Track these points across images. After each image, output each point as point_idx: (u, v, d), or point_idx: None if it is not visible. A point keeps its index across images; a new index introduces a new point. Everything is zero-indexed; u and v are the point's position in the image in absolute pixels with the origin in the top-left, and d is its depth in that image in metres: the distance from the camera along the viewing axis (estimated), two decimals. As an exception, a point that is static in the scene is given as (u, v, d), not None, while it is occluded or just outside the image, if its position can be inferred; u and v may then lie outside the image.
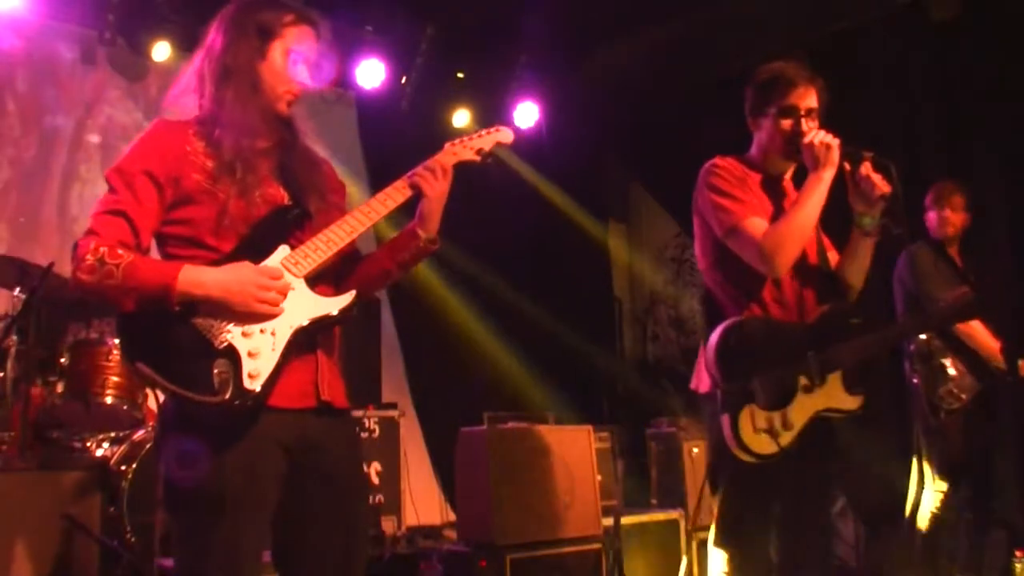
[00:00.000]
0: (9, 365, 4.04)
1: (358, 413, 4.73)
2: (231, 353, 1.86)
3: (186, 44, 5.76)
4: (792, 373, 2.49)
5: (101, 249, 1.86)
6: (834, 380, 2.54)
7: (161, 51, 5.65)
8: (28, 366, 4.04)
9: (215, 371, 1.83)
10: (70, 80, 5.66)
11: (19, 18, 5.29)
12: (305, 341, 1.97)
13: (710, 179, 2.65)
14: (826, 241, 2.77)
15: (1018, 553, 4.08)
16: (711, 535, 2.63)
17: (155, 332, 1.85)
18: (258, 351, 1.88)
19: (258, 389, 1.85)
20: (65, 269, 4.45)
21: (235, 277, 1.89)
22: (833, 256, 2.76)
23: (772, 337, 2.54)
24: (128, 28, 5.59)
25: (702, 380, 2.62)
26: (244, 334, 1.89)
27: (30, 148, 5.47)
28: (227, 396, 1.82)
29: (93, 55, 5.70)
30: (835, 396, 2.55)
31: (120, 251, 1.87)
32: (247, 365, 1.86)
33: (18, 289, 4.17)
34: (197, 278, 1.87)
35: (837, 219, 2.68)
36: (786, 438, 2.45)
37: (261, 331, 1.90)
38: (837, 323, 2.58)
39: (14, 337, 4.03)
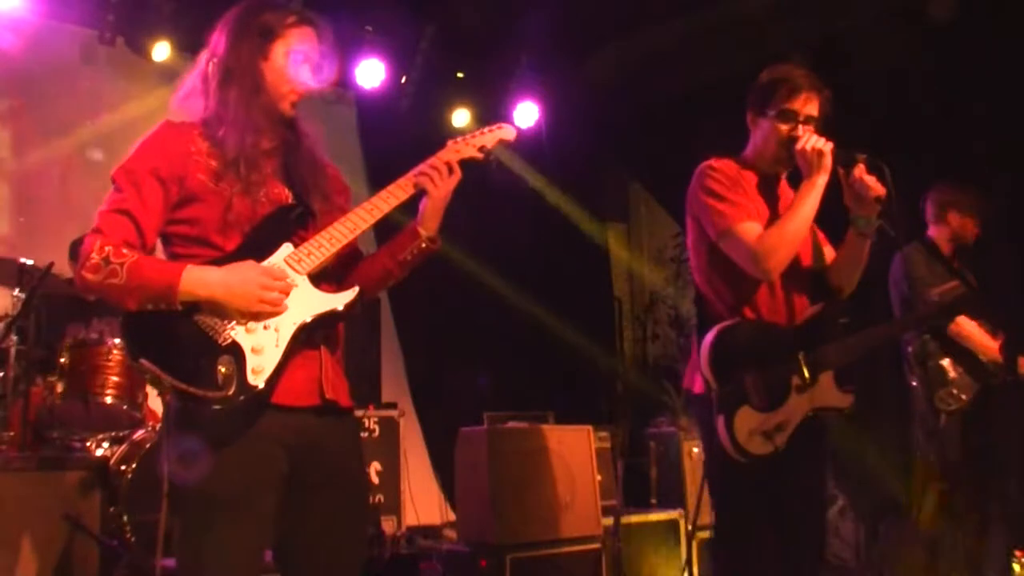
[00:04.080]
0: (9, 365, 4.04)
1: (358, 413, 4.72)
2: (235, 350, 1.88)
3: (186, 44, 5.76)
4: (784, 374, 2.51)
5: (106, 248, 1.89)
6: (826, 379, 2.56)
7: (161, 51, 5.65)
8: (28, 366, 4.04)
9: (219, 368, 1.85)
10: (70, 80, 5.65)
11: (19, 18, 5.29)
12: (308, 338, 1.98)
13: (705, 181, 2.65)
14: (821, 236, 2.78)
15: (1018, 553, 4.08)
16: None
17: (159, 329, 1.88)
18: (261, 348, 1.90)
19: (261, 385, 1.87)
20: (65, 269, 4.48)
21: (238, 277, 1.91)
22: (829, 252, 2.77)
23: (763, 339, 2.56)
24: (128, 28, 5.60)
25: (695, 380, 2.63)
26: (248, 330, 1.90)
27: (29, 148, 5.47)
28: (231, 392, 1.83)
29: (93, 55, 5.71)
30: (827, 395, 2.56)
31: (125, 250, 1.90)
32: (251, 361, 1.87)
33: (18, 289, 4.17)
34: (201, 277, 1.89)
35: (835, 216, 2.68)
36: (780, 438, 2.46)
37: (264, 327, 1.92)
38: (826, 323, 2.59)
39: (14, 337, 4.03)
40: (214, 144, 2.04)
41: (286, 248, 2.02)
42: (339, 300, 2.01)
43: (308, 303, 1.97)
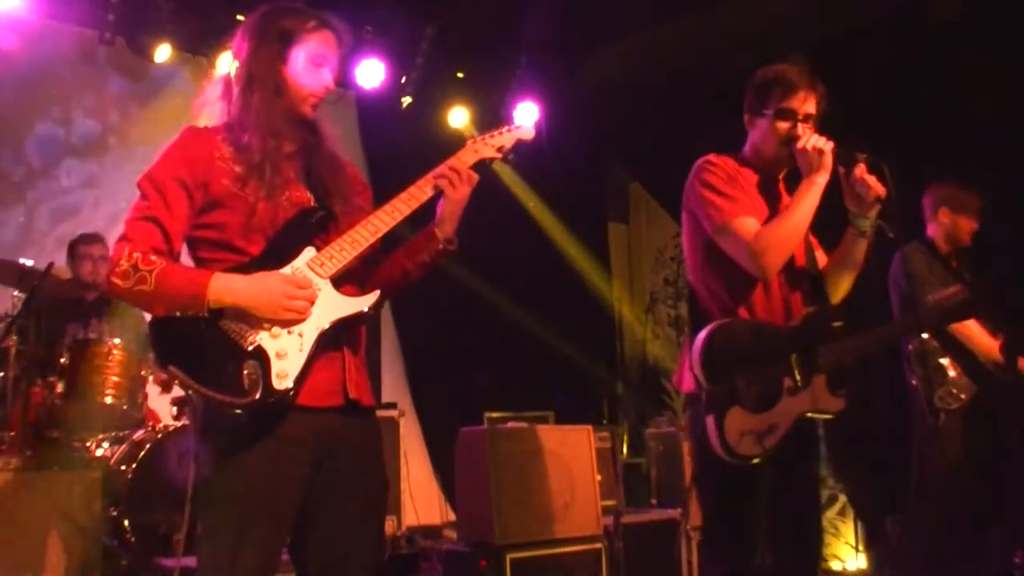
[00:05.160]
0: (9, 365, 4.04)
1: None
2: (260, 354, 1.91)
3: (186, 45, 5.78)
4: (777, 375, 2.48)
5: (135, 255, 1.92)
6: (819, 382, 2.52)
7: (161, 52, 5.66)
8: (28, 366, 4.04)
9: (244, 372, 1.88)
10: (70, 80, 5.66)
11: (19, 18, 5.30)
12: (331, 341, 2.01)
13: (703, 175, 2.62)
14: (814, 241, 2.75)
15: (1019, 553, 4.08)
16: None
17: (186, 336, 1.91)
18: (286, 352, 1.92)
19: (287, 389, 1.89)
20: (65, 269, 4.47)
21: (263, 286, 1.93)
22: (821, 257, 2.75)
23: (757, 340, 2.52)
24: (128, 28, 5.61)
25: (684, 378, 2.60)
26: (272, 336, 1.93)
27: (30, 148, 5.47)
28: (256, 396, 1.86)
29: (93, 55, 5.71)
30: (820, 398, 2.52)
31: (153, 257, 1.93)
32: (275, 366, 1.90)
33: (18, 289, 4.17)
34: (227, 286, 1.92)
35: (829, 220, 2.67)
36: (771, 440, 2.43)
37: (288, 332, 1.95)
38: (821, 325, 2.56)
39: (14, 337, 4.03)
40: (238, 149, 2.07)
41: (309, 252, 2.04)
42: (362, 303, 2.03)
43: (331, 307, 2.00)
